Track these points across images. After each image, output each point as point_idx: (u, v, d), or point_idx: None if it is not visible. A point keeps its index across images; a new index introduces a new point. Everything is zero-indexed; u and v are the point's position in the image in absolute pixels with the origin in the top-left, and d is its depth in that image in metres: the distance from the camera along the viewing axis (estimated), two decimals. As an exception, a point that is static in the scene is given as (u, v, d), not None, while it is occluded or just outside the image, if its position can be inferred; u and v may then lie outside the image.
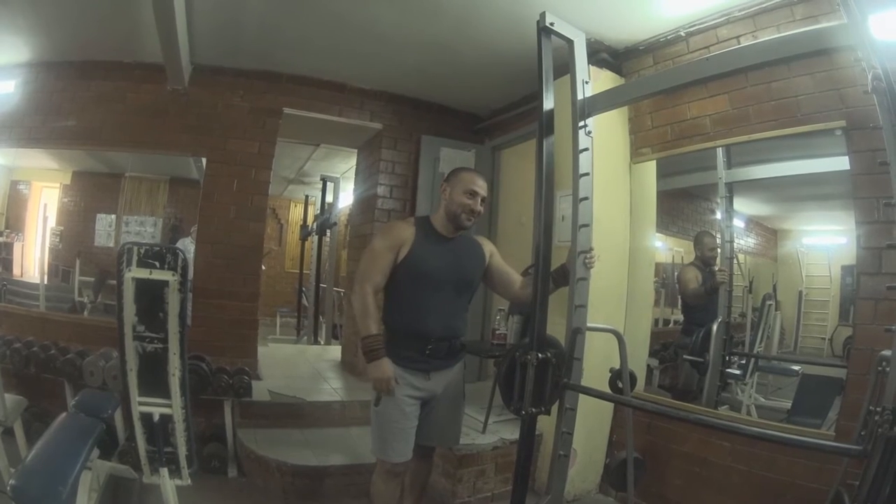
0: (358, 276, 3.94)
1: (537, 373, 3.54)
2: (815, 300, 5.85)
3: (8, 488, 3.11)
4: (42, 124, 7.09)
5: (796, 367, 5.80)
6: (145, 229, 7.86)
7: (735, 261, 5.82)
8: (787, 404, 5.37)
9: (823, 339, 5.70)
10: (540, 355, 3.54)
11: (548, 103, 3.75)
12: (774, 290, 6.23)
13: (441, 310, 3.94)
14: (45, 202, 7.83)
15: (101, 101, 7.06)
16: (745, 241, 6.10)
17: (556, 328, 3.78)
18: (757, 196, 6.09)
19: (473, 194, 4.02)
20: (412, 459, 3.96)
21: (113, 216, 7.81)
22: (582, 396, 3.79)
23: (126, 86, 7.08)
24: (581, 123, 3.84)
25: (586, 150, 3.84)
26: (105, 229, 7.81)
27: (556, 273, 3.91)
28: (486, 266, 4.23)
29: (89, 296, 7.67)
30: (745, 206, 5.92)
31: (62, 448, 3.52)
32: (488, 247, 4.32)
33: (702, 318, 5.89)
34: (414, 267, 3.88)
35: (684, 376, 5.97)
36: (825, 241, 5.85)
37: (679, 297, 6.52)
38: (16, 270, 7.84)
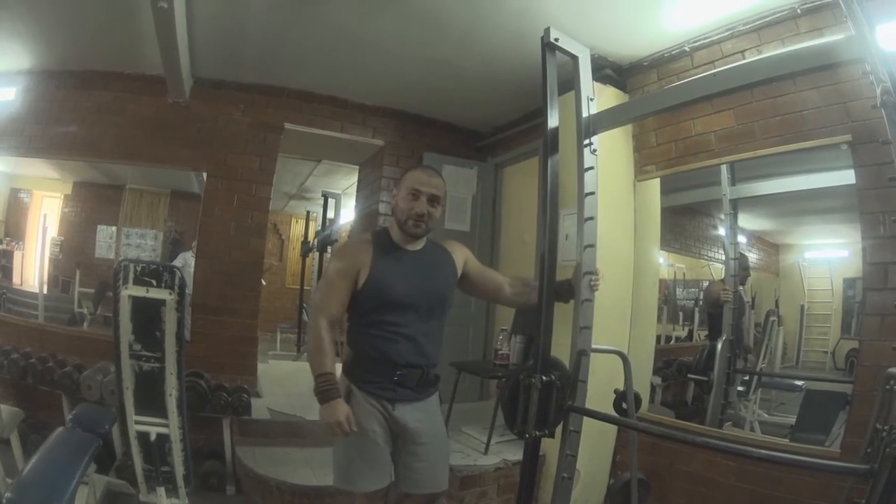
0: (314, 308, 3.66)
1: (541, 396, 3.47)
2: (817, 314, 5.87)
3: (4, 501, 3.09)
4: (42, 133, 7.08)
5: (800, 383, 5.75)
6: (146, 242, 7.86)
7: (737, 277, 5.81)
8: (791, 419, 5.35)
9: (826, 352, 5.73)
10: (544, 378, 3.47)
11: (553, 121, 3.68)
12: (777, 304, 6.24)
13: (411, 334, 3.50)
14: (46, 212, 7.83)
15: (101, 112, 7.06)
16: (747, 257, 6.09)
17: (559, 349, 3.69)
18: (758, 211, 6.10)
19: (416, 194, 3.49)
20: None
21: (113, 228, 7.82)
22: (585, 417, 3.74)
23: (126, 97, 7.08)
24: (586, 141, 3.78)
25: (591, 168, 3.77)
26: (105, 241, 7.82)
27: (561, 286, 3.74)
28: (459, 276, 3.80)
29: (89, 307, 7.66)
30: (746, 222, 5.93)
31: (59, 463, 3.51)
32: (460, 253, 3.84)
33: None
34: (376, 291, 3.46)
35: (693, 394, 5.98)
36: (827, 255, 5.86)
37: (705, 313, 6.54)
38: (15, 279, 7.84)
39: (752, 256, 6.28)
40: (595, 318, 3.75)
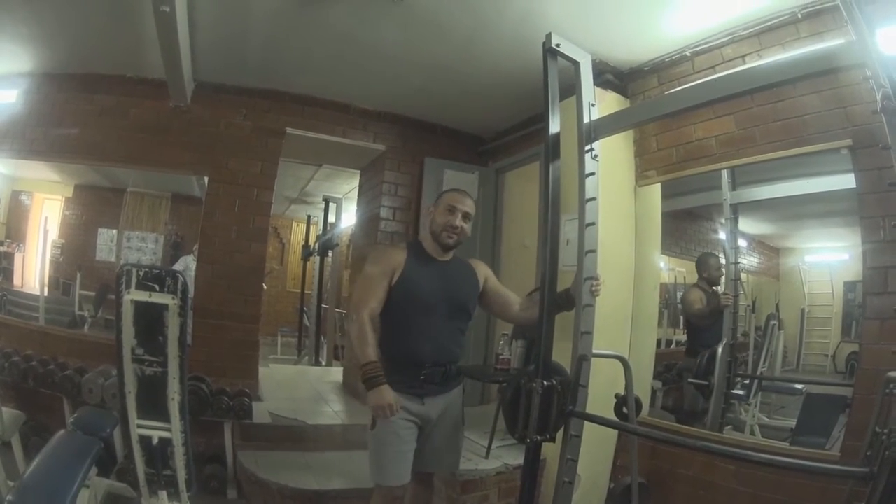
0: (353, 304, 3.93)
1: (542, 400, 3.51)
2: (818, 317, 5.84)
3: (5, 504, 3.11)
4: (44, 136, 7.07)
5: (800, 386, 5.76)
6: (147, 245, 7.86)
7: (738, 281, 5.80)
8: (791, 423, 5.33)
9: (826, 355, 5.69)
10: (545, 383, 3.51)
11: (554, 126, 3.71)
12: (777, 308, 6.22)
13: (435, 334, 3.90)
14: (47, 214, 7.84)
15: (103, 116, 7.05)
16: (747, 261, 6.09)
17: (560, 354, 3.74)
18: (759, 215, 6.07)
19: (453, 210, 3.97)
20: (412, 485, 3.94)
21: (114, 231, 7.82)
22: (586, 422, 3.75)
23: (128, 101, 7.07)
24: (587, 147, 3.80)
25: (593, 174, 3.80)
26: (106, 244, 7.83)
27: (560, 297, 3.86)
28: (480, 290, 4.19)
29: (90, 310, 7.66)
30: (747, 226, 5.90)
31: (60, 466, 3.51)
32: (482, 270, 4.27)
33: (706, 340, 5.87)
34: (405, 290, 3.86)
35: (689, 399, 5.94)
36: (827, 258, 5.83)
37: (682, 318, 6.51)
38: (16, 281, 7.84)
39: (753, 260, 6.27)
40: (596, 323, 3.79)
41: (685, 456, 5.10)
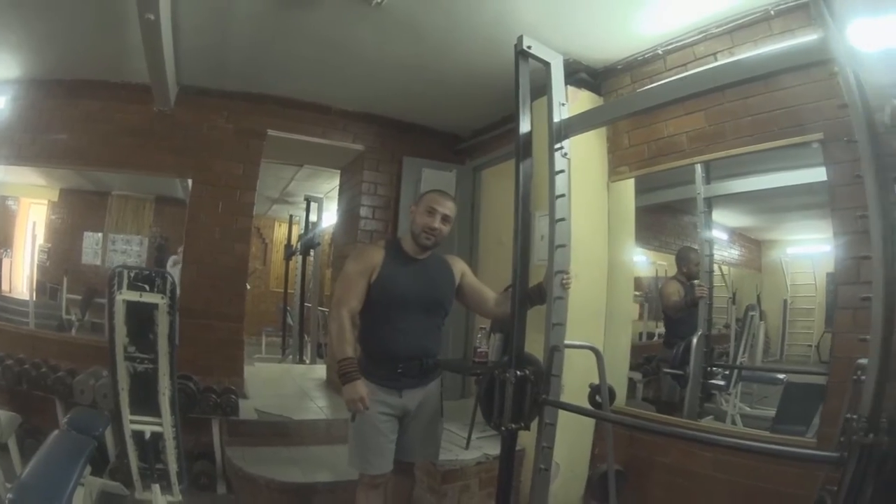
0: (334, 302, 4.09)
1: (516, 390, 3.62)
2: (801, 308, 5.91)
3: (6, 503, 3.18)
4: (31, 142, 7.10)
5: (780, 376, 5.84)
6: (131, 248, 7.88)
7: (720, 273, 5.87)
8: (773, 413, 5.41)
9: (810, 346, 5.76)
10: (518, 373, 3.63)
11: (524, 126, 3.86)
12: (758, 299, 6.27)
13: (411, 330, 4.06)
14: (34, 219, 7.87)
15: (88, 121, 7.08)
16: (728, 253, 6.15)
17: (535, 345, 3.85)
18: (740, 208, 6.12)
19: (432, 212, 4.12)
20: (393, 475, 4.09)
21: (100, 234, 7.85)
22: (563, 411, 3.86)
23: (113, 106, 7.10)
24: (557, 146, 3.93)
25: (562, 171, 3.93)
26: (92, 247, 7.85)
27: (533, 291, 3.98)
28: (457, 285, 4.35)
29: (76, 314, 7.69)
30: (728, 219, 5.96)
31: (56, 466, 3.59)
32: (458, 266, 4.43)
33: (684, 331, 5.93)
34: (383, 288, 4.01)
35: (667, 389, 6.04)
36: (810, 250, 5.88)
37: (662, 310, 6.57)
38: (4, 286, 7.87)
39: (734, 253, 6.34)
40: (570, 315, 3.91)
41: (663, 444, 5.16)
